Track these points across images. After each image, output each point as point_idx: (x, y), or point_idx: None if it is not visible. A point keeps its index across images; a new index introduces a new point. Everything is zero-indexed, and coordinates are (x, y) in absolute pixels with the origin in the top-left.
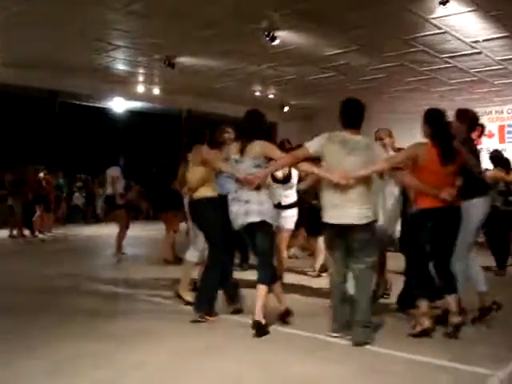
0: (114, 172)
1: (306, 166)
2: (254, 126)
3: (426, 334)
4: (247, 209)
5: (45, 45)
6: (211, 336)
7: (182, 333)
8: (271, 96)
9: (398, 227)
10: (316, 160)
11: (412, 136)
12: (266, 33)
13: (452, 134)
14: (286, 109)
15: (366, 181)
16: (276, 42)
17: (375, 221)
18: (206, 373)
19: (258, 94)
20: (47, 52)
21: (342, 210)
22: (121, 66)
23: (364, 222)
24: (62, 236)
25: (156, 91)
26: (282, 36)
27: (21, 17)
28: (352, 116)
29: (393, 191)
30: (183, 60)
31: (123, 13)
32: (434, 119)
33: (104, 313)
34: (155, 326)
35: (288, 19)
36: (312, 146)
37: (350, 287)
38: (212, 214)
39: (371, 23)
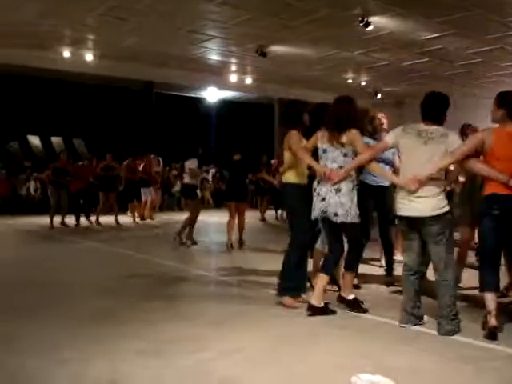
0: (191, 164)
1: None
2: (342, 114)
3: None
4: (323, 206)
5: (141, 38)
6: (310, 323)
7: (280, 320)
8: (363, 83)
9: None
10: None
11: None
12: (360, 19)
13: None
14: (378, 96)
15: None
16: (370, 28)
17: (448, 212)
18: (308, 359)
19: (350, 81)
20: (143, 45)
21: (412, 202)
22: (214, 56)
23: (435, 213)
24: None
25: (248, 80)
26: (376, 21)
27: (118, 11)
28: (431, 109)
29: None
30: (275, 49)
31: (216, 3)
32: (509, 101)
33: (204, 297)
34: (252, 312)
35: (382, 4)
36: (390, 139)
37: None
38: (291, 200)
39: (469, 5)
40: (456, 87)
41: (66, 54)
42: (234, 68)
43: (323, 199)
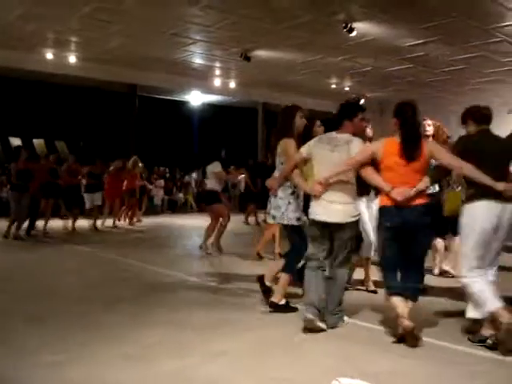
0: (215, 167)
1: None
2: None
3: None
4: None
5: (124, 40)
6: (294, 327)
7: (264, 324)
8: (347, 88)
9: None
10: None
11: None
12: (344, 24)
13: (418, 129)
14: (362, 101)
15: (345, 180)
16: (353, 34)
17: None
18: (292, 363)
19: (333, 86)
20: (127, 47)
21: (329, 207)
22: (198, 60)
23: (349, 220)
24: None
25: (232, 84)
26: (360, 27)
27: (101, 13)
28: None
29: None
30: (259, 53)
31: (200, 7)
32: (400, 111)
33: (189, 302)
34: (236, 317)
35: (366, 10)
36: (304, 150)
37: None
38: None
39: (451, 12)
40: (438, 93)
41: (49, 55)
42: (217, 72)
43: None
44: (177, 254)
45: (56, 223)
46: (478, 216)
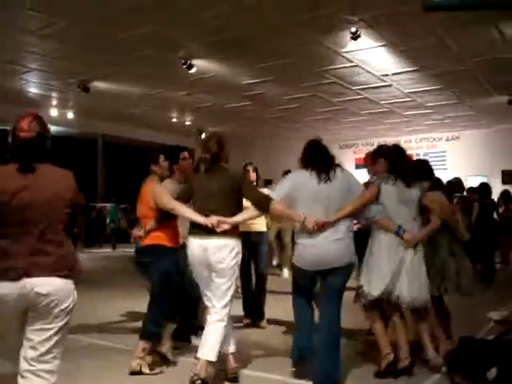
0: None
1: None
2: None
3: None
4: None
5: None
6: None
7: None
8: (188, 123)
9: None
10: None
11: None
12: (184, 61)
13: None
14: (203, 135)
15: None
16: (193, 71)
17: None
18: None
19: (174, 120)
20: None
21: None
22: (34, 90)
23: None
24: None
25: (70, 115)
26: (199, 64)
27: None
28: None
29: None
30: (98, 84)
31: (37, 35)
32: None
33: None
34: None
35: (205, 48)
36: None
37: None
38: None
39: (286, 55)
40: (276, 129)
41: None
42: (54, 102)
43: None
44: None
45: None
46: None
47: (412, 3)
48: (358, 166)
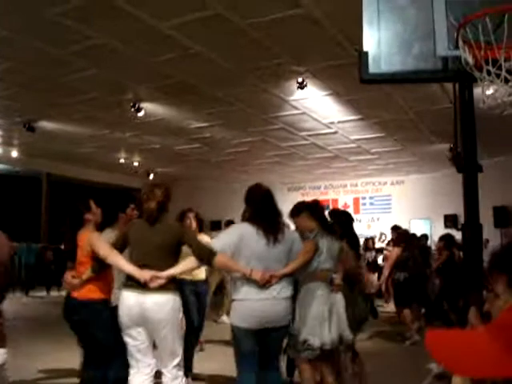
0: None
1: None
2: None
3: None
4: None
5: None
6: None
7: None
8: (136, 163)
9: None
10: None
11: None
12: (132, 104)
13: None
14: (151, 176)
15: None
16: (141, 114)
17: None
18: None
19: (122, 160)
20: None
21: None
22: None
23: None
24: None
25: (15, 154)
26: (148, 107)
27: None
28: None
29: None
30: (44, 124)
31: None
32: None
33: None
34: None
35: (154, 92)
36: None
37: None
38: None
39: (235, 101)
40: (226, 172)
41: None
42: None
43: None
44: None
45: None
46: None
47: (356, 56)
48: None
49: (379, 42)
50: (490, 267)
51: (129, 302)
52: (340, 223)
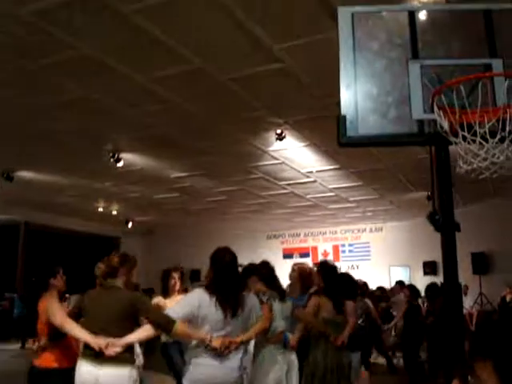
0: None
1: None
2: None
3: None
4: None
5: None
6: None
7: None
8: (115, 212)
9: None
10: None
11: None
12: (111, 154)
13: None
14: (129, 225)
15: None
16: (121, 164)
17: None
18: None
19: (101, 209)
20: None
21: None
22: None
23: None
24: None
25: None
26: (127, 158)
27: None
28: None
29: None
30: (23, 174)
31: None
32: None
33: None
34: None
35: (133, 143)
36: None
37: None
38: None
39: (215, 152)
40: (206, 220)
41: None
42: None
43: None
44: None
45: None
46: None
47: (332, 109)
48: (285, 256)
49: (356, 105)
50: (472, 353)
51: (84, 375)
52: (324, 277)
